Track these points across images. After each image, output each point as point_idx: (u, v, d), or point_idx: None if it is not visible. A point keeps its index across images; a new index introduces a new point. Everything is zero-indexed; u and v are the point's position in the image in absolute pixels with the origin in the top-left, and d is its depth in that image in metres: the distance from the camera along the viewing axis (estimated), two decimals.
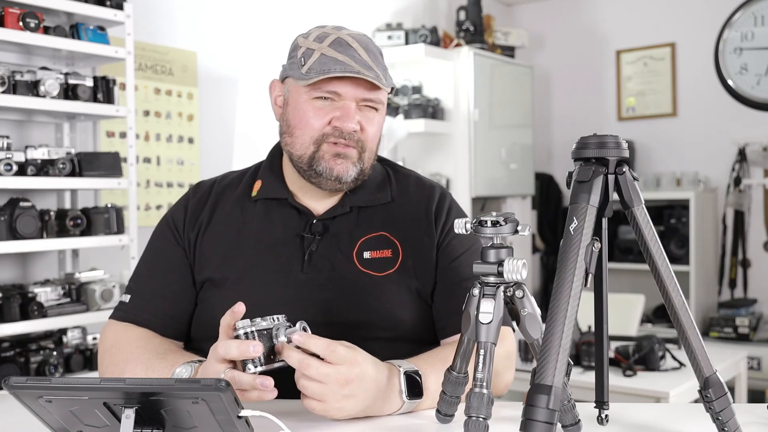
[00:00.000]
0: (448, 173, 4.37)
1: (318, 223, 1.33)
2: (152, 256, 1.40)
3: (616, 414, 1.12)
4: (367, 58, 1.27)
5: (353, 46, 1.27)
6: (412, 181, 1.43)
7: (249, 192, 1.39)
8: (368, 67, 1.26)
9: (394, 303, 1.29)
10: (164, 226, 1.41)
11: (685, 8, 4.95)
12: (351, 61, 1.25)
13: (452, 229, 1.35)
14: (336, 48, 1.27)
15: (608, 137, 0.91)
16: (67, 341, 2.69)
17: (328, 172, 1.29)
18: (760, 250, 4.75)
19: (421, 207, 1.38)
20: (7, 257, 2.77)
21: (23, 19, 2.50)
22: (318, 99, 1.28)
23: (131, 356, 1.25)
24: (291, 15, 3.86)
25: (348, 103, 1.28)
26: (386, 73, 1.31)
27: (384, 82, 1.28)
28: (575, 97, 5.39)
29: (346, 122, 1.27)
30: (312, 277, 1.29)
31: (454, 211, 1.40)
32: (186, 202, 1.41)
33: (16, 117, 2.80)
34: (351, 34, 1.30)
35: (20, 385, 0.85)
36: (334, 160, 1.28)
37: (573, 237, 0.88)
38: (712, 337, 4.48)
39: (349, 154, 1.29)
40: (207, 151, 3.54)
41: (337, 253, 1.31)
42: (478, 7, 4.54)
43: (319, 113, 1.28)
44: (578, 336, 2.86)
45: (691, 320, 0.95)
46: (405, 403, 1.12)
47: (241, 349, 1.02)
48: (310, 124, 1.29)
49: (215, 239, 1.35)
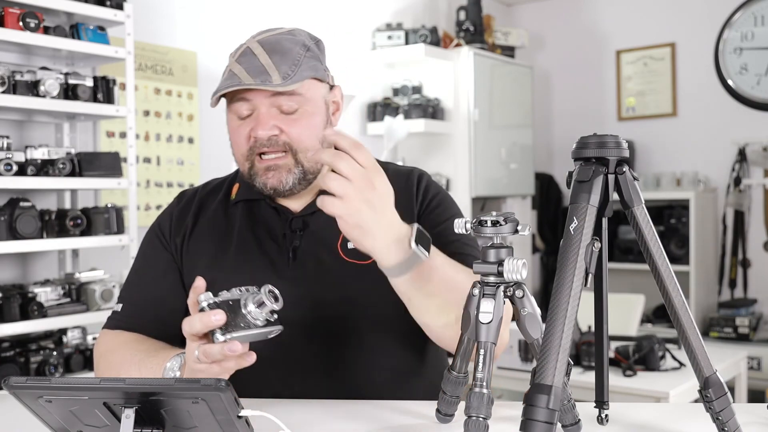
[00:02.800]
0: (448, 173, 4.37)
1: (297, 219, 1.35)
2: (141, 263, 1.42)
3: (616, 414, 1.12)
4: (267, 61, 1.25)
5: (255, 53, 1.26)
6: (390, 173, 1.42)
7: (229, 195, 1.42)
8: (260, 73, 1.24)
9: (382, 289, 1.27)
10: (152, 234, 1.43)
11: (685, 8, 4.95)
12: (244, 72, 1.25)
13: (432, 202, 1.37)
14: (240, 60, 1.27)
15: (608, 137, 0.91)
16: (67, 341, 2.69)
17: (264, 187, 1.30)
18: (760, 250, 4.75)
19: (400, 195, 1.38)
20: (7, 257, 2.77)
21: (23, 19, 2.50)
22: (238, 116, 1.29)
23: (125, 359, 1.26)
24: (291, 15, 3.86)
25: (260, 110, 1.27)
26: (297, 68, 1.26)
27: (277, 83, 1.23)
28: (575, 97, 5.39)
29: (259, 130, 1.26)
30: (299, 272, 1.31)
31: (433, 186, 1.41)
32: (171, 210, 1.44)
33: (16, 117, 2.80)
34: (263, 39, 1.29)
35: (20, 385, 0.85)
36: (265, 174, 1.29)
37: (573, 237, 0.88)
38: (712, 337, 4.48)
39: (280, 163, 1.28)
40: (207, 151, 3.54)
41: (321, 246, 1.32)
42: (478, 7, 4.54)
43: (240, 129, 1.29)
44: (578, 336, 2.86)
45: (691, 320, 0.95)
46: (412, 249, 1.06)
47: (204, 320, 1.01)
48: (237, 142, 1.31)
49: (201, 243, 1.37)
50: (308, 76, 1.28)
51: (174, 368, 1.15)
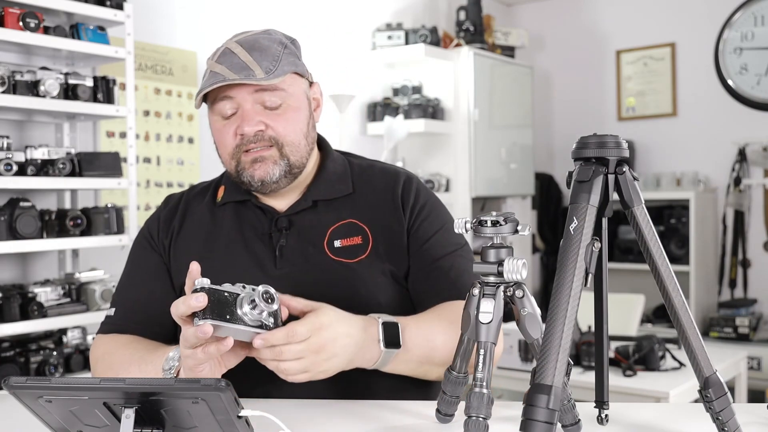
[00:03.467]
0: (448, 173, 4.37)
1: (283, 218, 1.35)
2: (132, 267, 1.43)
3: (616, 414, 1.12)
4: (247, 58, 1.26)
5: (235, 52, 1.27)
6: (377, 171, 1.44)
7: (215, 198, 1.43)
8: (242, 69, 1.25)
9: (369, 288, 1.30)
10: (140, 238, 1.45)
11: (685, 8, 4.95)
12: (226, 70, 1.26)
13: (422, 211, 1.37)
14: (219, 60, 1.28)
15: (608, 137, 0.91)
16: (67, 341, 2.69)
17: (251, 179, 1.30)
18: (760, 250, 4.75)
19: (388, 193, 1.39)
20: (7, 257, 2.77)
21: (23, 19, 2.50)
22: (222, 116, 1.30)
23: (124, 359, 1.26)
24: (291, 15, 3.86)
25: (244, 107, 1.28)
26: (278, 63, 1.28)
27: (260, 77, 1.24)
28: (575, 97, 5.39)
29: (244, 126, 1.28)
30: (286, 272, 1.31)
31: (423, 193, 1.40)
32: (158, 213, 1.46)
33: (16, 117, 2.80)
34: (241, 39, 1.30)
35: (20, 385, 0.85)
36: (252, 166, 1.30)
37: (573, 237, 0.88)
38: (712, 337, 4.48)
39: (266, 155, 1.30)
40: (207, 151, 3.54)
41: (308, 245, 1.33)
42: (478, 7, 4.54)
43: (225, 128, 1.30)
44: (578, 336, 2.86)
45: (691, 320, 0.95)
46: (382, 352, 1.15)
47: (186, 302, 1.02)
48: (222, 142, 1.32)
49: (188, 244, 1.38)
50: (289, 71, 1.30)
51: (176, 357, 1.16)
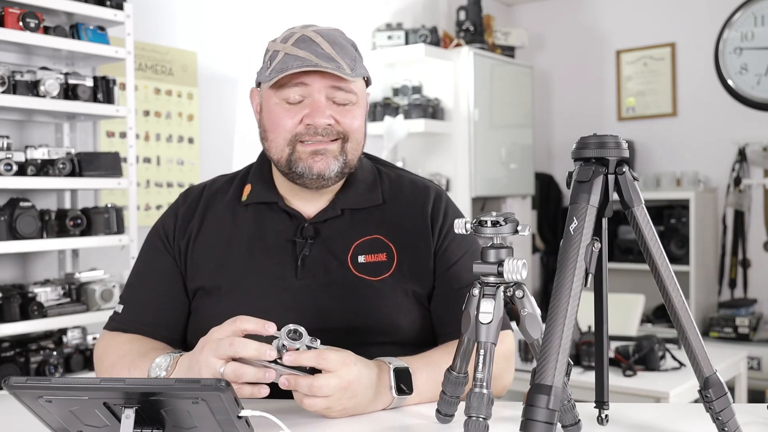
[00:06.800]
0: (448, 173, 4.37)
1: (309, 226, 1.31)
2: (143, 265, 1.39)
3: (616, 414, 1.12)
4: (331, 51, 1.25)
5: (316, 41, 1.25)
6: (406, 182, 1.40)
7: (239, 196, 1.37)
8: (329, 59, 1.24)
9: (390, 307, 1.27)
10: (154, 235, 1.39)
11: (685, 8, 4.95)
12: (312, 56, 1.23)
13: (450, 232, 1.34)
14: (299, 45, 1.25)
15: (608, 137, 0.91)
16: (67, 341, 2.69)
17: (308, 171, 1.26)
18: (760, 250, 4.75)
19: (417, 209, 1.35)
20: (7, 257, 2.77)
21: (23, 19, 2.50)
22: (287, 100, 1.26)
23: (117, 359, 1.25)
24: (291, 15, 3.86)
25: (316, 98, 1.25)
26: (355, 63, 1.28)
27: (348, 72, 1.25)
28: (575, 97, 5.39)
29: (317, 117, 1.25)
30: (307, 283, 1.27)
31: (451, 212, 1.37)
32: (176, 209, 1.39)
33: (16, 117, 2.80)
34: (318, 30, 1.28)
35: (20, 385, 0.85)
36: (312, 158, 1.26)
37: (573, 237, 0.88)
38: (712, 337, 4.48)
39: (329, 149, 1.27)
40: (207, 151, 3.54)
41: (331, 257, 1.29)
42: (478, 7, 4.54)
43: (289, 113, 1.26)
44: (578, 336, 2.86)
45: (691, 320, 0.95)
46: (394, 398, 1.14)
47: (260, 350, 1.01)
48: (281, 125, 1.27)
49: (206, 247, 1.33)
50: (364, 74, 1.30)
51: (161, 365, 1.14)
